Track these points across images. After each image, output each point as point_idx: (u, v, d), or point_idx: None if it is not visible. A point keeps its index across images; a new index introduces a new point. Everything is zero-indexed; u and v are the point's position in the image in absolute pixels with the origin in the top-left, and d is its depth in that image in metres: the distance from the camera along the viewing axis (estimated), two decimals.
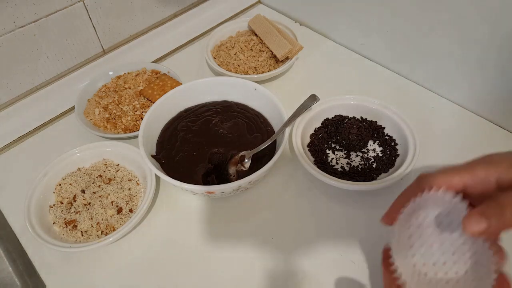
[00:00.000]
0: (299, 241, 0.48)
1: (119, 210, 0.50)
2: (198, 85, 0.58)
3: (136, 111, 0.61)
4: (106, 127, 0.60)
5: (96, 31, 0.68)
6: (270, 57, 0.69)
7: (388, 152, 0.54)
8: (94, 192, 0.52)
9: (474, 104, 0.60)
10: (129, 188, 0.52)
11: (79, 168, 0.55)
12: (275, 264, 0.46)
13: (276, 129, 0.55)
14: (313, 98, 0.55)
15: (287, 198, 0.53)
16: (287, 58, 0.68)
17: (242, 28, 0.76)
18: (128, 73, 0.69)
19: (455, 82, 0.61)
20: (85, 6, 0.64)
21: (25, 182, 0.53)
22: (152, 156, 0.51)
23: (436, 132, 0.59)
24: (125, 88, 0.65)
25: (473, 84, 0.58)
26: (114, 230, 0.48)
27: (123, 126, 0.60)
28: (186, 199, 0.53)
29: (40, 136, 0.63)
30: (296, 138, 0.53)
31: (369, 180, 0.51)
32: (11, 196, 0.55)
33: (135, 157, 0.53)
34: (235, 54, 0.69)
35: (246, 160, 0.51)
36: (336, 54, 0.73)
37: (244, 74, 0.67)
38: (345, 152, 0.55)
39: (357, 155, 0.55)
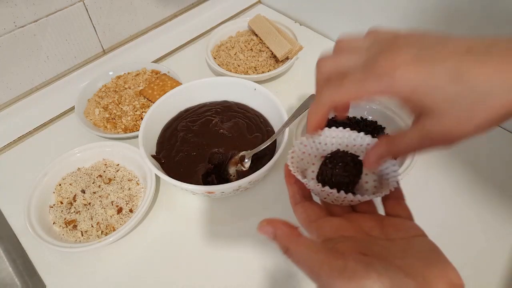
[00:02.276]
0: None
1: (119, 210, 0.50)
2: (198, 85, 0.58)
3: (136, 111, 0.61)
4: (106, 127, 0.60)
5: (96, 31, 0.68)
6: (270, 57, 0.69)
7: None
8: (94, 192, 0.52)
9: None
10: (129, 188, 0.52)
11: (79, 168, 0.55)
12: (275, 264, 0.46)
13: (276, 129, 0.55)
14: (313, 98, 0.55)
15: (287, 198, 0.52)
16: (287, 58, 0.68)
17: (242, 28, 0.76)
18: (128, 73, 0.69)
19: None
20: (85, 6, 0.64)
21: (25, 182, 0.53)
22: (152, 156, 0.51)
23: None
24: (125, 88, 0.65)
25: None
26: (114, 230, 0.48)
27: (123, 126, 0.60)
28: (186, 199, 0.53)
29: (40, 136, 0.63)
30: (296, 138, 0.53)
31: None
32: (11, 196, 0.55)
33: (135, 157, 0.53)
34: (235, 54, 0.69)
35: (246, 160, 0.51)
36: None
37: (244, 74, 0.67)
38: None
39: None
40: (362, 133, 0.34)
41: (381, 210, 0.32)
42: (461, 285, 0.24)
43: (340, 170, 0.32)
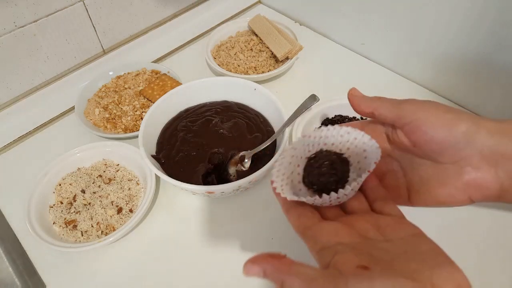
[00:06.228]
0: (299, 241, 0.48)
1: (119, 210, 0.50)
2: (198, 85, 0.58)
3: (136, 111, 0.61)
4: (106, 127, 0.60)
5: (96, 31, 0.68)
6: (270, 57, 0.69)
7: None
8: (94, 192, 0.52)
9: (474, 104, 0.60)
10: (129, 188, 0.52)
11: (79, 168, 0.55)
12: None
13: (276, 129, 0.55)
14: (313, 98, 0.55)
15: None
16: (287, 58, 0.68)
17: (242, 28, 0.76)
18: (128, 73, 0.69)
19: (455, 82, 0.61)
20: (85, 6, 0.64)
21: (25, 182, 0.53)
22: (152, 156, 0.51)
23: None
24: (125, 88, 0.65)
25: (474, 84, 0.58)
26: (114, 230, 0.48)
27: (123, 126, 0.60)
28: (186, 199, 0.53)
29: (40, 136, 0.63)
30: (296, 138, 0.53)
31: None
32: (11, 196, 0.55)
33: (135, 157, 0.53)
34: (235, 54, 0.69)
35: (246, 160, 0.51)
36: (336, 54, 0.73)
37: (244, 74, 0.67)
38: None
39: None
40: (349, 128, 0.33)
41: None
42: (468, 286, 0.23)
43: (328, 168, 0.31)
